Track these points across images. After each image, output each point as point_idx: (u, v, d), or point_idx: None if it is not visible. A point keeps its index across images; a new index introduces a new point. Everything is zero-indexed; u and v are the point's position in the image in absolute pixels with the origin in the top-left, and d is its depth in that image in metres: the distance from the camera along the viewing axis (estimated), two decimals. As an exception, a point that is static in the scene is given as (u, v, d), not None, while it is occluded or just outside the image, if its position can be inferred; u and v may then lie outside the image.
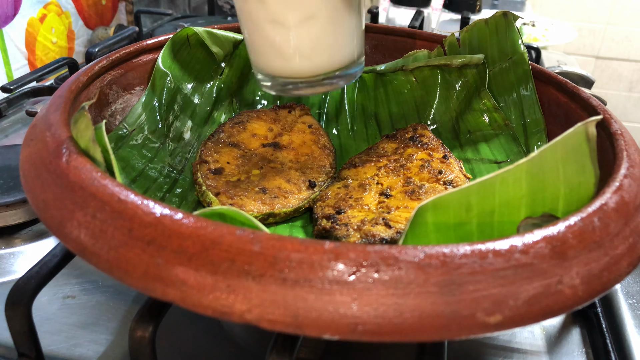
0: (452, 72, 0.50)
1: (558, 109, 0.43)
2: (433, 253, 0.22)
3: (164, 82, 0.47)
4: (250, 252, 0.21)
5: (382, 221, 0.36)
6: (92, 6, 0.89)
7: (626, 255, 0.25)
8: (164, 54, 0.47)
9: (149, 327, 0.25)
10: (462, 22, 0.86)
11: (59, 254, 0.31)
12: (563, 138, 0.27)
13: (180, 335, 0.35)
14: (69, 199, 0.25)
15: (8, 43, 0.72)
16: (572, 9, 1.73)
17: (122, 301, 0.37)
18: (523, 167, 0.27)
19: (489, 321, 0.21)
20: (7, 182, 0.44)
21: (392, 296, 0.21)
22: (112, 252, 0.23)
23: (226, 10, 1.07)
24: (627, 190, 0.27)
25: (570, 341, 0.36)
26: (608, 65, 1.78)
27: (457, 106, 0.51)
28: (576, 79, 0.72)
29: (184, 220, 0.23)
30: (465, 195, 0.27)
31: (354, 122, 0.55)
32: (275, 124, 0.49)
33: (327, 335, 0.21)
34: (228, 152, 0.44)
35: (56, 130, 0.30)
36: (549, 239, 0.23)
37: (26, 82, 0.64)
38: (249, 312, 0.21)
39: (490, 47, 0.48)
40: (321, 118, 0.55)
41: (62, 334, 0.35)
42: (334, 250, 0.21)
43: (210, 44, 0.50)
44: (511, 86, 0.47)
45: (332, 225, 0.37)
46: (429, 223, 0.27)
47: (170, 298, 0.22)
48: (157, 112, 0.46)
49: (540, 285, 0.22)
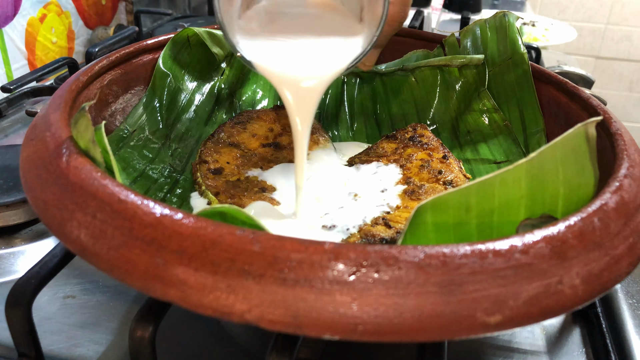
0: (452, 73, 0.50)
1: (558, 109, 0.43)
2: (433, 253, 0.22)
3: (164, 82, 0.47)
4: (250, 252, 0.21)
5: (382, 221, 0.36)
6: (92, 6, 0.89)
7: (626, 255, 0.25)
8: (164, 55, 0.48)
9: (149, 327, 0.25)
10: (462, 22, 0.86)
11: (59, 254, 0.31)
12: (563, 139, 0.27)
13: (180, 335, 0.35)
14: (69, 199, 0.25)
15: (8, 43, 0.72)
16: (572, 9, 1.73)
17: (122, 301, 0.37)
18: (523, 168, 0.27)
19: (489, 321, 0.21)
20: (7, 182, 0.44)
21: (392, 296, 0.21)
22: (112, 252, 0.23)
23: (226, 10, 1.07)
24: (627, 190, 0.27)
25: (570, 341, 0.36)
26: (608, 65, 1.78)
27: (457, 106, 0.51)
28: (576, 79, 0.72)
29: (184, 220, 0.23)
30: (465, 195, 0.27)
31: (354, 122, 0.55)
32: (276, 124, 0.49)
33: (327, 336, 0.21)
34: (228, 152, 0.44)
35: (56, 130, 0.30)
36: (549, 239, 0.23)
37: (26, 82, 0.64)
38: (249, 312, 0.21)
39: (490, 47, 0.48)
40: (321, 118, 0.55)
41: (62, 334, 0.35)
42: (334, 250, 0.21)
43: (211, 44, 0.50)
44: (511, 86, 0.47)
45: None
46: (429, 223, 0.27)
47: (171, 298, 0.22)
48: (157, 113, 0.46)
49: (540, 285, 0.22)
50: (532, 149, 0.44)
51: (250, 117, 0.49)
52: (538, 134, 0.44)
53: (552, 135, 0.43)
